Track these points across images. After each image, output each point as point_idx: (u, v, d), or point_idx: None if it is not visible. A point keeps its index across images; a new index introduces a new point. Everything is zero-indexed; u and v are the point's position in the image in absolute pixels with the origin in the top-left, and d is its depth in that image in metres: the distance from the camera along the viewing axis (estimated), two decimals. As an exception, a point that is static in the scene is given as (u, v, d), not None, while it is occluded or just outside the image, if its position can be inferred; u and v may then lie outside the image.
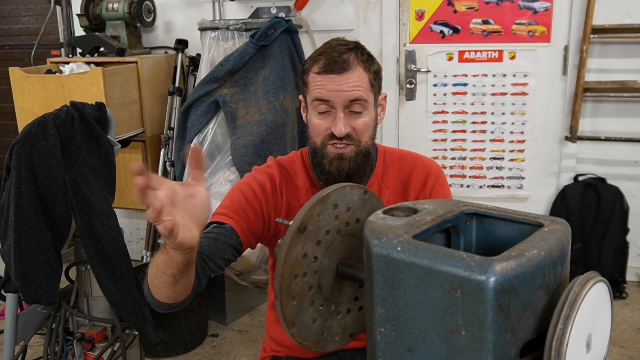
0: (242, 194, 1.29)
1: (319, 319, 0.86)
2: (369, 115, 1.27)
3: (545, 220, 0.74)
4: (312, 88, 1.25)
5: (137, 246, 3.55)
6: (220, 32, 2.88)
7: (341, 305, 0.89)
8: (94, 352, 2.04)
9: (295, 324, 0.83)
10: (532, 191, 3.12)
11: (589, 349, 0.69)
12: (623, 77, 2.86)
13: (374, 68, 1.28)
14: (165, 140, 3.12)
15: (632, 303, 2.88)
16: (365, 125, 1.26)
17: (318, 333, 0.86)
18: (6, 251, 1.81)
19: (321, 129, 1.26)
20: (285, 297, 0.80)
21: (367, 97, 1.24)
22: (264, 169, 1.36)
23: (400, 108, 3.17)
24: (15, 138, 1.77)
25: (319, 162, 1.28)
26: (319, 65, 1.23)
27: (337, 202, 0.85)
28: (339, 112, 1.23)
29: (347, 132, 1.23)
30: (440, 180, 1.37)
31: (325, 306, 0.87)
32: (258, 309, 2.98)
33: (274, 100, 2.71)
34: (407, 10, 3.06)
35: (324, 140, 1.26)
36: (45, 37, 3.48)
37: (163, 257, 0.98)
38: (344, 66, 1.21)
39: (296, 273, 0.81)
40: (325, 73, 1.22)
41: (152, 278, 1.05)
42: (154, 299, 1.09)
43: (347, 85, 1.22)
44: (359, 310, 0.92)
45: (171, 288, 1.03)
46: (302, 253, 0.81)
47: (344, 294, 0.89)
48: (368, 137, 1.28)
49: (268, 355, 1.43)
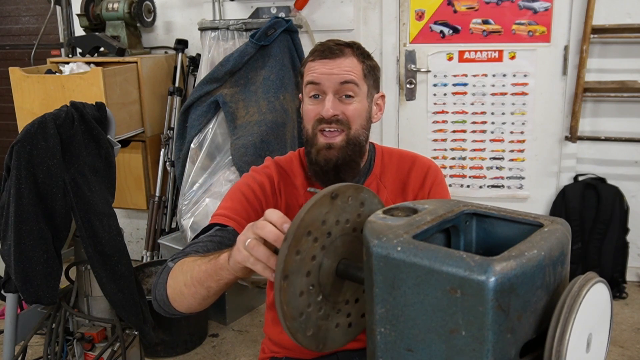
0: (243, 194, 1.28)
1: (319, 318, 0.86)
2: (361, 103, 1.27)
3: (545, 220, 0.74)
4: (305, 75, 1.27)
5: (137, 246, 3.55)
6: (220, 32, 2.89)
7: (340, 304, 0.89)
8: (94, 352, 2.04)
9: (295, 321, 0.83)
10: (532, 191, 3.12)
11: (589, 348, 0.69)
12: (623, 77, 2.86)
13: (369, 62, 1.29)
14: (165, 140, 3.12)
15: (632, 303, 2.88)
16: (356, 112, 1.25)
17: (317, 332, 0.86)
18: (6, 251, 1.81)
19: (312, 114, 1.26)
20: (292, 249, 0.79)
21: (358, 82, 1.25)
22: (262, 169, 1.35)
23: (400, 108, 3.17)
24: (15, 138, 1.77)
25: (308, 152, 1.28)
26: (314, 54, 1.26)
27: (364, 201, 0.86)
28: (328, 94, 1.24)
29: (335, 114, 1.23)
30: (438, 180, 1.37)
31: (325, 305, 0.87)
32: (258, 309, 2.98)
33: (274, 100, 2.71)
34: (407, 10, 3.06)
35: (314, 126, 1.26)
36: (45, 37, 3.49)
37: (206, 268, 0.97)
38: (337, 52, 1.24)
39: (310, 230, 0.81)
40: (319, 58, 1.25)
41: (180, 286, 1.03)
42: (169, 306, 1.07)
43: (339, 69, 1.23)
44: (358, 309, 0.92)
45: (200, 301, 1.02)
46: (322, 219, 0.81)
47: (344, 294, 0.89)
48: (359, 125, 1.27)
49: (267, 356, 1.43)
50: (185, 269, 1.03)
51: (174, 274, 1.06)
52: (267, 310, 1.46)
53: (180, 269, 1.06)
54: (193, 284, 1.00)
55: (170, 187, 3.16)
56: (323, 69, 1.23)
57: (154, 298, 1.11)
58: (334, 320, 0.89)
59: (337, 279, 0.87)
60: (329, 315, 0.87)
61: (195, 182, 2.74)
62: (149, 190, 3.18)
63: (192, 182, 2.75)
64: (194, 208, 2.69)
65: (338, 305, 0.89)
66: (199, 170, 2.75)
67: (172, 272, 1.08)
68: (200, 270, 0.99)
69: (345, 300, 0.90)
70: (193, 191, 2.73)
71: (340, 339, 0.91)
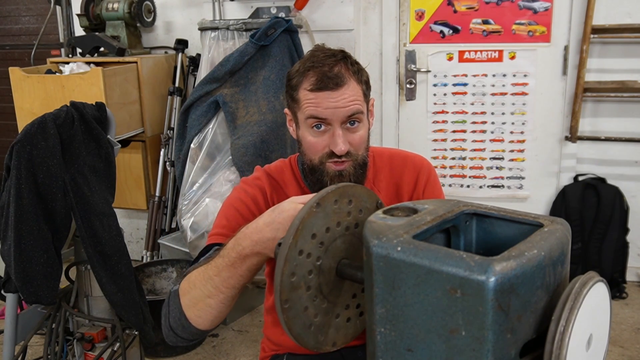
0: (237, 210, 1.26)
1: (318, 317, 0.86)
2: (364, 127, 1.24)
3: (545, 220, 0.74)
4: (304, 105, 1.20)
5: (137, 246, 3.55)
6: (220, 32, 2.89)
7: (340, 304, 0.89)
8: (94, 352, 2.04)
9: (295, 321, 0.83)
10: (532, 191, 3.12)
11: (589, 348, 0.69)
12: (623, 77, 2.86)
13: (365, 78, 1.25)
14: (165, 140, 3.12)
15: (632, 303, 2.88)
16: (362, 139, 1.24)
17: (316, 331, 0.86)
18: (6, 251, 1.81)
19: (318, 147, 1.22)
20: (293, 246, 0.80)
21: (362, 109, 1.21)
22: (253, 180, 1.33)
23: (400, 108, 3.17)
24: (15, 138, 1.77)
25: (318, 179, 1.24)
26: (310, 81, 1.18)
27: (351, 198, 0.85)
28: (336, 129, 1.19)
29: (347, 150, 1.20)
30: (431, 179, 1.36)
31: (325, 304, 0.87)
32: (258, 309, 2.98)
33: (274, 100, 2.71)
34: (407, 10, 3.06)
35: (322, 158, 1.22)
36: (45, 37, 3.49)
37: (229, 274, 0.96)
38: (337, 81, 1.17)
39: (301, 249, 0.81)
40: (319, 90, 1.17)
41: (204, 299, 0.99)
42: (188, 328, 1.03)
43: (344, 101, 1.18)
44: (357, 309, 0.93)
45: (228, 304, 1.00)
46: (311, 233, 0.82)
47: (344, 294, 0.89)
48: (364, 149, 1.26)
49: (268, 355, 1.43)
50: (200, 283, 1.00)
51: (188, 293, 1.02)
52: (266, 313, 1.45)
53: (192, 286, 1.02)
54: (219, 292, 0.98)
55: (170, 187, 3.16)
56: (327, 102, 1.17)
57: (168, 327, 1.05)
58: (333, 321, 0.89)
59: (337, 279, 0.87)
60: (328, 315, 0.88)
61: (195, 182, 2.74)
62: (149, 190, 3.18)
63: (192, 182, 2.75)
64: (194, 208, 2.69)
65: (338, 305, 0.89)
66: (199, 170, 2.75)
67: (182, 293, 1.04)
68: (224, 277, 0.96)
69: (345, 301, 0.90)
70: (193, 191, 2.73)
71: (340, 339, 0.91)
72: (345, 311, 0.90)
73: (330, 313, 0.88)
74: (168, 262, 2.86)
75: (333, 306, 0.88)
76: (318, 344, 0.87)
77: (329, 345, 0.89)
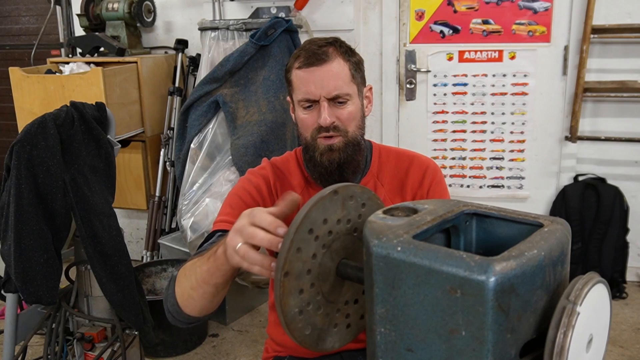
0: (240, 198, 1.29)
1: (318, 317, 0.86)
2: (354, 105, 1.28)
3: (545, 220, 0.73)
4: (296, 85, 1.27)
5: (137, 246, 3.55)
6: (220, 32, 2.89)
7: (340, 304, 0.89)
8: (94, 352, 2.04)
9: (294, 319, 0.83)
10: (532, 191, 3.12)
11: (589, 349, 0.69)
12: (623, 77, 2.86)
13: (354, 59, 1.29)
14: (165, 140, 3.12)
15: (632, 303, 2.88)
16: (351, 115, 1.27)
17: (315, 330, 0.86)
18: (6, 251, 1.81)
19: (309, 123, 1.27)
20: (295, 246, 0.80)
21: (349, 88, 1.25)
22: (258, 170, 1.37)
23: (400, 108, 3.17)
24: (15, 138, 1.77)
25: (311, 157, 1.29)
26: (300, 60, 1.25)
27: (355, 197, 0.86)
28: (322, 102, 1.24)
29: (332, 122, 1.25)
30: (437, 179, 1.37)
31: (324, 304, 0.87)
32: (258, 309, 2.98)
33: (274, 100, 2.71)
34: (407, 10, 3.06)
35: (312, 134, 1.27)
36: (45, 37, 3.49)
37: (208, 267, 0.97)
38: (323, 57, 1.23)
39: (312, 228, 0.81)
40: (306, 67, 1.24)
41: (188, 290, 1.03)
42: (181, 314, 1.07)
43: (329, 74, 1.23)
44: (357, 309, 0.92)
45: (210, 299, 1.02)
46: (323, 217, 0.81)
47: (344, 294, 0.89)
48: (355, 126, 1.29)
49: (270, 356, 1.43)
50: (188, 273, 1.04)
51: (180, 282, 1.06)
52: (270, 311, 1.46)
53: (183, 274, 1.06)
54: (199, 285, 1.00)
55: (170, 187, 3.16)
56: (312, 78, 1.24)
57: (167, 310, 1.10)
58: (333, 320, 0.89)
59: (337, 279, 0.87)
60: (328, 315, 0.87)
61: (195, 182, 2.74)
62: (149, 190, 3.18)
63: (192, 182, 2.75)
64: (194, 208, 2.69)
65: (337, 305, 0.89)
66: (199, 170, 2.75)
67: (177, 280, 1.08)
68: (203, 270, 0.99)
69: (344, 301, 0.90)
70: (193, 191, 2.74)
71: (339, 339, 0.91)
72: (345, 311, 0.90)
73: (330, 313, 0.88)
74: (168, 262, 2.86)
75: (333, 306, 0.88)
76: (318, 344, 0.87)
77: (329, 346, 0.89)
